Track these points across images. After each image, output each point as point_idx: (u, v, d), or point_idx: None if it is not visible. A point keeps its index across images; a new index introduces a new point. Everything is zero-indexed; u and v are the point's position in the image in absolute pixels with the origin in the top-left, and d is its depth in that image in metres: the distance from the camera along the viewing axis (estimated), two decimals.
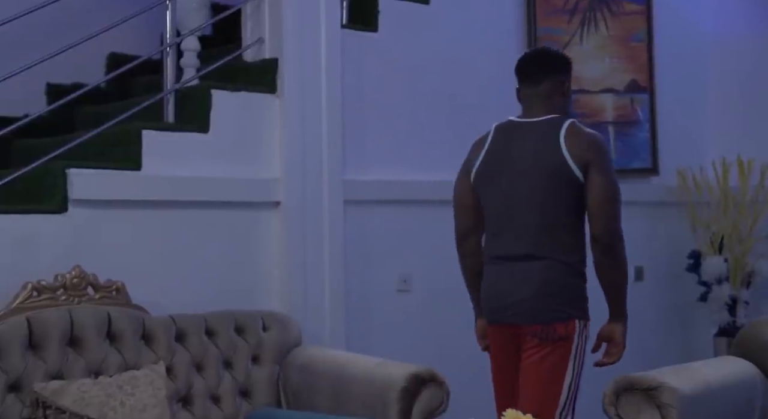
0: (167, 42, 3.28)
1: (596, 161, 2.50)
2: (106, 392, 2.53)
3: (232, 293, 3.16)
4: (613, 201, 2.51)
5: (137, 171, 3.00)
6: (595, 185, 2.50)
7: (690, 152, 4.58)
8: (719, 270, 4.34)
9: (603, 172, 2.50)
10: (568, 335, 2.53)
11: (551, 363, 2.54)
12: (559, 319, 2.53)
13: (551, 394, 2.54)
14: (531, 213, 2.55)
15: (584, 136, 2.55)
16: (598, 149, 2.53)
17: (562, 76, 2.67)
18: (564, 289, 2.55)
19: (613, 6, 4.35)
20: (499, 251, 2.62)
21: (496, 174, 2.63)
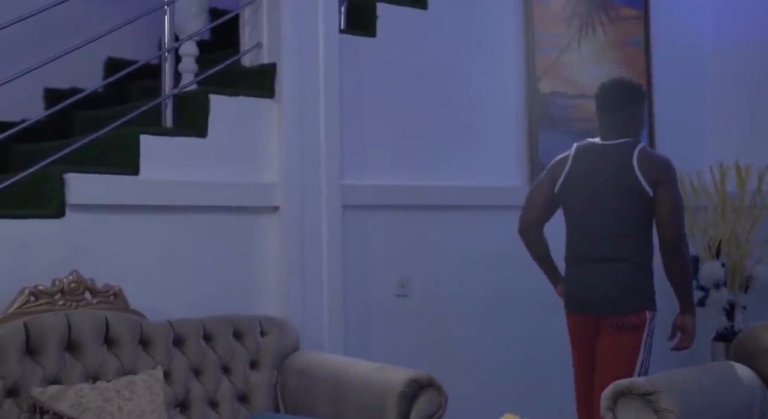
0: (165, 47, 3.28)
1: (664, 180, 3.04)
2: (104, 397, 2.53)
3: (230, 298, 3.16)
4: (678, 213, 3.05)
5: (135, 176, 3.00)
6: (664, 200, 3.03)
7: (688, 156, 4.58)
8: (717, 275, 4.34)
9: (670, 189, 3.04)
10: (641, 323, 3.05)
11: (625, 347, 3.04)
12: (633, 310, 3.04)
13: (625, 374, 2.93)
14: (610, 222, 3.07)
15: (655, 159, 3.11)
16: (666, 170, 3.07)
17: (635, 107, 3.17)
18: (637, 286, 3.06)
19: (610, 11, 4.36)
20: (581, 253, 3.14)
21: (579, 188, 3.15)
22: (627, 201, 3.05)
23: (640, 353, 3.07)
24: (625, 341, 3.05)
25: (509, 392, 3.87)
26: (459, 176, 3.86)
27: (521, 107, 4.09)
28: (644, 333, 3.07)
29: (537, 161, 4.08)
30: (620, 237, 3.07)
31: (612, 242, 3.07)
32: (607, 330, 3.06)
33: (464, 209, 3.85)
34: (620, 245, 3.06)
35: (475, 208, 3.88)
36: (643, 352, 3.08)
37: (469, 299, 3.85)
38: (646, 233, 3.08)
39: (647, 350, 3.09)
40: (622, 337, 3.04)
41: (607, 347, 3.07)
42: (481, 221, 3.90)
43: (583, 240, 3.14)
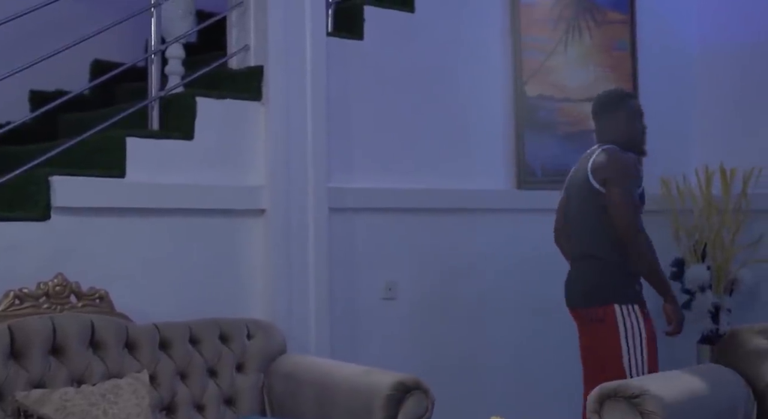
0: (152, 49, 3.27)
1: (611, 178, 3.16)
2: (89, 401, 2.51)
3: (216, 301, 3.15)
4: (626, 209, 3.13)
5: (121, 179, 2.99)
6: (610, 197, 3.16)
7: (673, 160, 4.60)
8: (702, 278, 4.36)
9: (616, 187, 3.14)
10: (607, 317, 3.16)
11: (601, 344, 3.18)
12: (597, 304, 3.19)
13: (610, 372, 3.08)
14: (580, 223, 3.28)
15: (606, 159, 3.22)
16: (614, 168, 3.18)
17: (612, 114, 3.31)
18: (603, 281, 3.20)
19: (597, 15, 4.37)
20: (571, 252, 3.37)
21: (568, 193, 3.40)
22: (587, 202, 3.23)
23: (622, 349, 3.14)
24: (597, 336, 3.20)
25: (496, 395, 3.88)
26: (446, 179, 3.86)
27: (508, 110, 4.10)
28: (618, 327, 3.15)
29: (524, 164, 4.10)
30: (588, 236, 3.24)
31: (584, 241, 3.27)
32: (579, 322, 3.29)
33: (451, 212, 3.86)
34: (590, 243, 3.24)
35: (462, 211, 3.89)
36: (627, 349, 3.14)
37: (456, 302, 3.86)
38: (610, 230, 3.18)
39: (636, 347, 3.15)
40: (594, 331, 3.21)
41: (583, 342, 3.28)
42: (468, 224, 3.91)
43: (571, 240, 3.37)
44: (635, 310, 3.18)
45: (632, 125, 3.32)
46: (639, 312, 3.19)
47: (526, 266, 3.98)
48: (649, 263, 3.17)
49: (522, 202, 4.07)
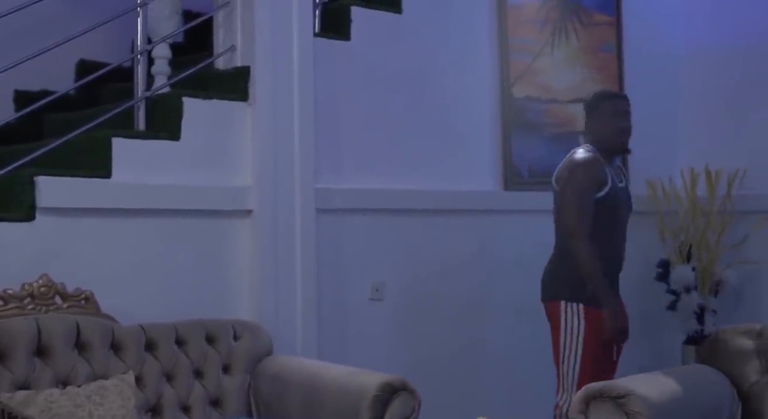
0: (138, 49, 3.26)
1: (561, 179, 3.25)
2: (74, 402, 2.50)
3: (202, 302, 3.14)
4: (565, 211, 3.20)
5: (107, 179, 2.97)
6: (556, 198, 3.26)
7: (659, 162, 4.62)
8: (688, 279, 4.38)
9: (562, 188, 3.23)
10: (551, 313, 3.25)
11: (553, 338, 3.25)
12: (547, 299, 3.28)
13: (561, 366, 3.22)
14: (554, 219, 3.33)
15: (566, 160, 3.30)
16: (566, 168, 3.26)
17: (590, 115, 3.38)
18: (554, 276, 3.28)
19: (583, 17, 4.39)
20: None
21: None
22: (553, 201, 3.31)
23: (561, 349, 3.21)
24: (552, 330, 3.27)
25: (482, 396, 3.88)
26: (433, 179, 3.86)
27: (495, 112, 4.11)
28: (560, 324, 3.21)
29: (511, 165, 4.10)
30: (557, 233, 3.31)
31: (556, 238, 3.33)
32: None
33: (438, 213, 3.86)
34: (557, 240, 3.31)
35: (449, 212, 3.89)
36: (563, 348, 3.21)
37: (444, 303, 3.86)
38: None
39: (571, 348, 3.19)
40: (550, 325, 3.28)
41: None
42: (456, 225, 3.92)
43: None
44: (579, 309, 3.19)
45: (608, 125, 3.32)
46: (583, 312, 3.19)
47: (514, 267, 3.99)
48: (585, 269, 3.17)
49: (509, 203, 4.08)
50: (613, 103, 3.36)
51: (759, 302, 4.45)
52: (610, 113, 3.33)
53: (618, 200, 3.30)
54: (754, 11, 4.54)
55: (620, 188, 3.34)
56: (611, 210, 3.26)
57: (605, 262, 3.22)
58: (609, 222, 3.25)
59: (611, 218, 3.26)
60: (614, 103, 3.37)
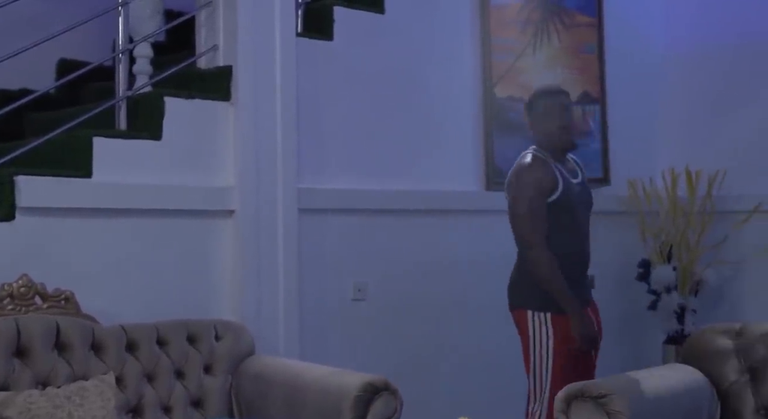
0: (119, 48, 3.24)
1: (509, 187, 3.21)
2: (54, 403, 2.49)
3: (184, 302, 3.13)
4: (514, 220, 3.15)
5: (88, 179, 2.96)
6: (510, 205, 3.19)
7: (640, 162, 4.65)
8: (668, 279, 4.40)
9: (510, 197, 3.19)
10: (519, 322, 3.19)
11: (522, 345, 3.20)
12: (513, 307, 3.23)
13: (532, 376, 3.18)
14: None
15: (514, 165, 3.24)
16: (514, 175, 3.20)
17: (530, 114, 3.30)
18: (516, 285, 3.22)
19: (565, 18, 4.41)
20: None
21: None
22: (508, 208, 3.25)
23: (530, 354, 3.15)
24: (521, 338, 3.21)
25: (464, 396, 3.89)
26: (415, 180, 3.87)
27: (477, 112, 4.11)
28: (528, 333, 3.15)
29: (493, 166, 4.11)
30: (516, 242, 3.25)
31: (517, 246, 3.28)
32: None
33: (421, 213, 3.86)
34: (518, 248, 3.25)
35: (431, 212, 3.90)
36: (533, 358, 3.14)
37: (426, 303, 3.86)
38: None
39: (541, 357, 3.12)
40: (519, 333, 3.22)
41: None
42: (438, 226, 3.92)
43: None
44: (546, 319, 3.12)
45: (548, 124, 3.20)
46: (550, 321, 3.11)
47: (495, 267, 3.98)
48: (544, 278, 3.09)
49: (491, 203, 4.08)
50: (550, 101, 3.23)
51: (738, 302, 4.49)
52: (547, 111, 3.21)
53: (573, 199, 3.19)
54: (733, 12, 4.57)
55: (575, 186, 3.23)
56: (567, 211, 3.16)
57: (569, 265, 3.15)
58: (567, 224, 3.16)
59: (569, 219, 3.17)
60: (550, 101, 3.23)
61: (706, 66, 4.66)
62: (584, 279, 3.27)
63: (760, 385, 2.75)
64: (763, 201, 4.37)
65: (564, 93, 3.30)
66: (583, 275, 3.26)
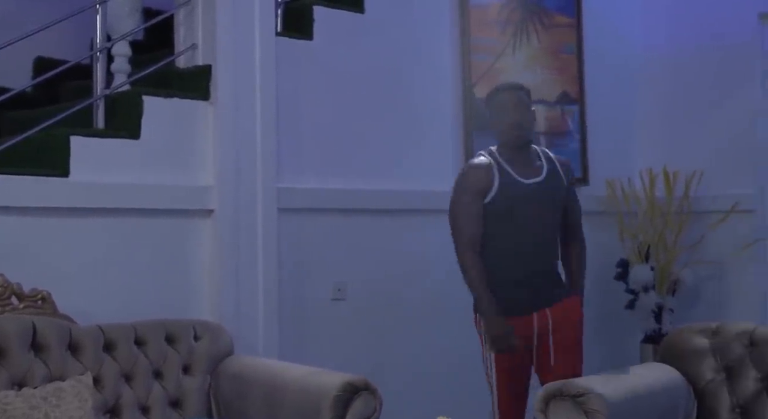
0: (97, 47, 3.22)
1: (453, 186, 3.15)
2: (30, 404, 2.47)
3: (162, 302, 3.12)
4: (450, 218, 3.10)
5: (65, 178, 2.94)
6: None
7: (618, 162, 4.68)
8: (646, 278, 4.43)
9: (451, 196, 3.12)
10: (475, 324, 3.15)
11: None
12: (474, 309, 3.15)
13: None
14: None
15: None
16: (457, 177, 3.16)
17: (488, 109, 3.19)
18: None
19: (544, 18, 4.42)
20: None
21: None
22: None
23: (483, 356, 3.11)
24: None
25: (444, 395, 3.89)
26: (395, 179, 3.87)
27: (457, 112, 4.12)
28: (480, 335, 3.12)
29: None
30: None
31: None
32: None
33: (400, 213, 3.86)
34: None
35: (410, 212, 3.90)
36: (482, 356, 3.11)
37: (406, 303, 3.87)
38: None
39: (485, 355, 3.10)
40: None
41: None
42: (418, 225, 3.92)
43: None
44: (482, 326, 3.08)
45: (500, 120, 3.09)
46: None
47: None
48: (467, 280, 3.06)
49: None
50: (501, 97, 3.12)
51: (715, 302, 4.52)
52: (501, 107, 3.10)
53: (515, 199, 3.05)
54: (710, 14, 4.61)
55: (528, 185, 3.07)
56: (507, 212, 3.04)
57: (514, 266, 3.06)
58: (508, 226, 3.05)
59: (510, 221, 3.05)
60: (502, 97, 3.12)
61: (684, 67, 4.70)
62: (539, 280, 3.09)
63: (735, 384, 2.78)
64: (739, 201, 4.40)
65: (521, 90, 3.16)
66: (537, 276, 3.09)
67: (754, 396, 2.74)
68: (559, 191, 3.14)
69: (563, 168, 3.18)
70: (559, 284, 3.17)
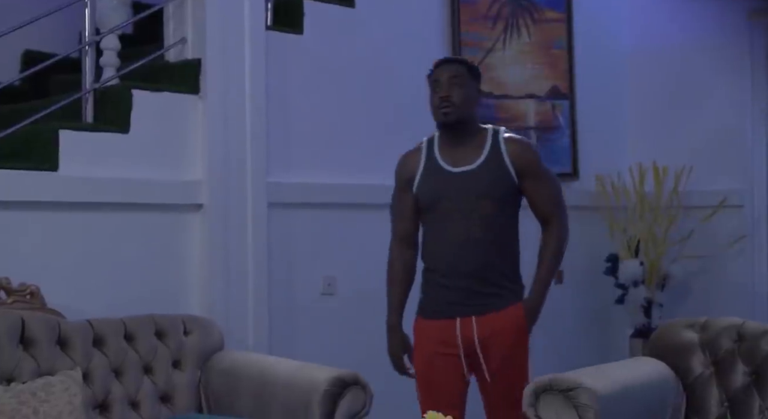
0: (86, 40, 3.20)
1: None
2: (19, 399, 2.45)
3: (152, 297, 3.11)
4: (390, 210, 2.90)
5: (54, 172, 2.92)
6: None
7: (608, 157, 4.69)
8: (635, 273, 4.45)
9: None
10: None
11: None
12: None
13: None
14: None
15: None
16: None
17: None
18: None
19: (534, 13, 4.43)
20: None
21: None
22: None
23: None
24: None
25: None
26: (385, 174, 3.84)
27: None
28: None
29: None
30: None
31: None
32: None
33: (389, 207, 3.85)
34: None
35: None
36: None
37: None
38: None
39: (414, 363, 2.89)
40: None
41: None
42: None
43: None
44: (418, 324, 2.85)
45: (431, 96, 2.79)
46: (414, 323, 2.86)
47: None
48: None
49: None
50: (435, 73, 2.79)
51: (704, 296, 4.54)
52: (432, 83, 2.79)
53: (438, 189, 2.73)
54: (699, 9, 4.62)
55: (451, 174, 2.73)
56: (430, 204, 2.75)
57: (434, 268, 2.77)
58: (432, 219, 2.76)
59: (433, 214, 2.75)
60: (435, 72, 2.79)
61: (674, 63, 4.71)
62: (463, 282, 2.71)
63: (724, 378, 2.79)
64: (728, 196, 4.43)
65: (459, 63, 2.81)
66: (462, 278, 2.71)
67: (743, 390, 2.75)
68: (498, 181, 2.70)
69: (512, 155, 2.72)
70: (496, 291, 2.72)
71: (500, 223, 2.72)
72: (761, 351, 2.73)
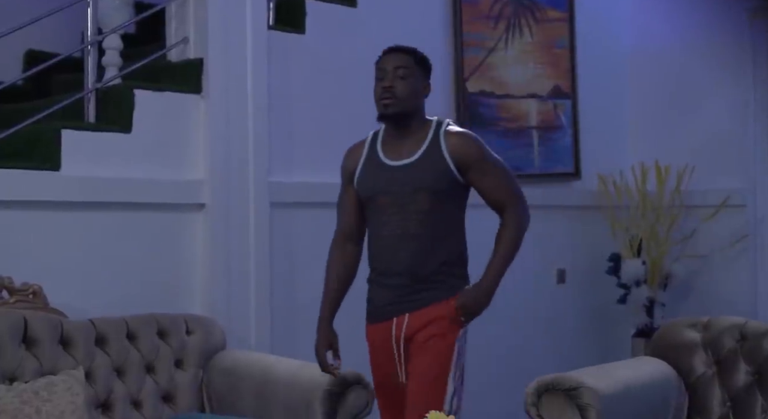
0: (88, 40, 3.21)
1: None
2: (21, 398, 2.46)
3: (155, 296, 3.11)
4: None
5: (56, 172, 2.93)
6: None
7: (610, 157, 4.68)
8: (638, 273, 4.44)
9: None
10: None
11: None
12: None
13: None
14: None
15: None
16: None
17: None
18: None
19: (536, 13, 4.42)
20: None
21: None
22: None
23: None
24: None
25: None
26: None
27: (449, 106, 4.12)
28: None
29: None
30: None
31: None
32: None
33: None
34: None
35: None
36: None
37: None
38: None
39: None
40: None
41: None
42: None
43: None
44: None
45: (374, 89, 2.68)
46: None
47: None
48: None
49: None
50: (380, 62, 2.68)
51: (706, 296, 4.54)
52: (377, 72, 2.68)
53: (375, 183, 2.59)
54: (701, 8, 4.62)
55: (388, 167, 2.58)
56: (368, 198, 2.61)
57: (374, 267, 2.64)
58: (371, 215, 2.61)
59: (372, 209, 2.60)
60: (380, 62, 2.68)
61: (676, 62, 4.71)
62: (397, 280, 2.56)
63: (726, 377, 2.79)
64: (731, 196, 4.42)
65: (407, 52, 2.68)
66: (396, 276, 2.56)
67: (745, 390, 2.75)
68: (436, 175, 2.53)
69: (452, 148, 2.56)
70: (430, 286, 2.53)
71: (439, 218, 2.54)
72: (764, 350, 2.73)
